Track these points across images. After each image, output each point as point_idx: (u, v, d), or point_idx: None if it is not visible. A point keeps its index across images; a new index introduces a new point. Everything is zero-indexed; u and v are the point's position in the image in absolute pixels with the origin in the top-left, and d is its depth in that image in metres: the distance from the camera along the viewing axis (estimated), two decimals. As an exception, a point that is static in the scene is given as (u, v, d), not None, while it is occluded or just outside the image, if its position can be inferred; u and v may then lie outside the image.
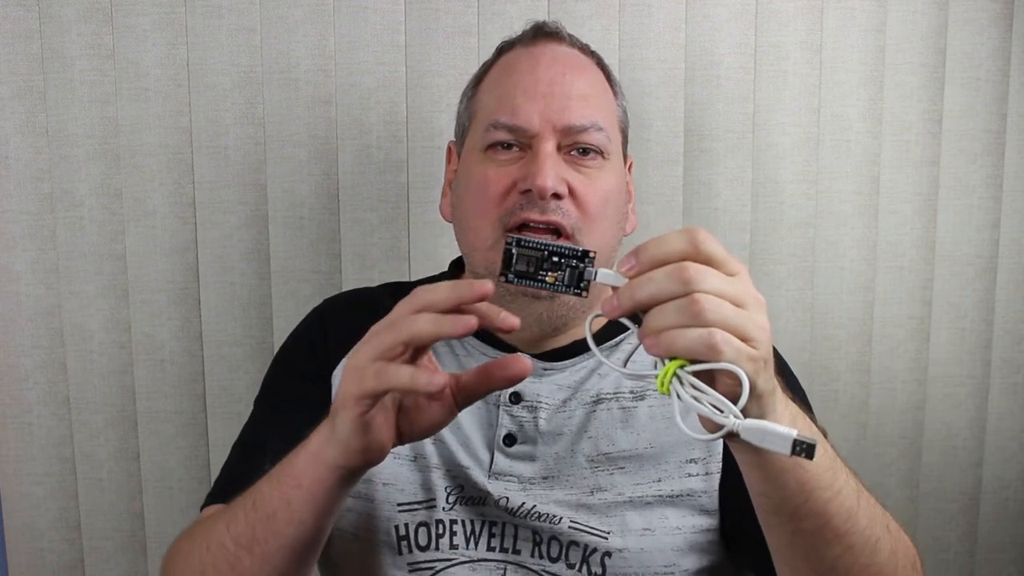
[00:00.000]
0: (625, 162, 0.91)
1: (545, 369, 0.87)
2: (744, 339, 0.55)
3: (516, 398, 0.85)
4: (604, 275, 0.59)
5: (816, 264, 1.21)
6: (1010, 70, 1.19)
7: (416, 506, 0.83)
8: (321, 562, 0.89)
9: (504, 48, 0.91)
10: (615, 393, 0.86)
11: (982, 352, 1.24)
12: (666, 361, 0.56)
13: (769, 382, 0.58)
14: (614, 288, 0.58)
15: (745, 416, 0.56)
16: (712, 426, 0.58)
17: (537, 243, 0.61)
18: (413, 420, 0.65)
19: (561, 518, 0.82)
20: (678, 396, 0.56)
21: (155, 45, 1.13)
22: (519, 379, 0.63)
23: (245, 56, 1.13)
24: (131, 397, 1.18)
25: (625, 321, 0.59)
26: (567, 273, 0.60)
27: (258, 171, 1.15)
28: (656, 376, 0.57)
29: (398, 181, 1.17)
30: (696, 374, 0.56)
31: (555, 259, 0.60)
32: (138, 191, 1.15)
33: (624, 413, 0.85)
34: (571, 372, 0.87)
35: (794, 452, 0.55)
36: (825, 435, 0.84)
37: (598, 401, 0.85)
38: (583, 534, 0.81)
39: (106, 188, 1.14)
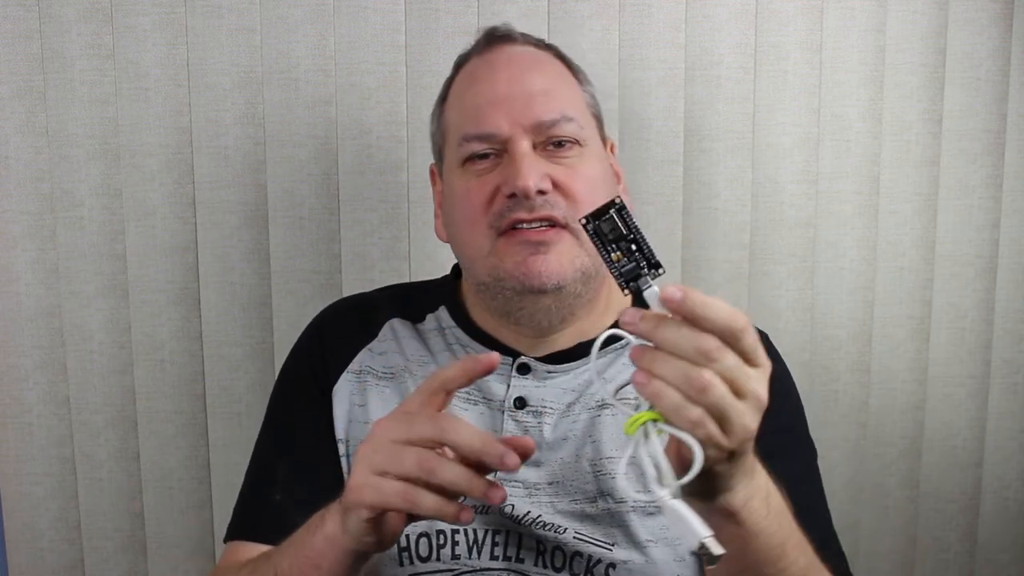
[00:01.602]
0: (605, 146, 0.90)
1: (549, 372, 0.86)
2: (723, 427, 0.55)
3: (521, 403, 0.85)
4: (651, 295, 0.58)
5: (816, 264, 1.21)
6: (1010, 70, 1.19)
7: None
8: None
9: (460, 62, 0.91)
10: (620, 398, 0.85)
11: (982, 352, 1.24)
12: (644, 405, 0.57)
13: (731, 468, 0.58)
14: (647, 306, 0.57)
15: (691, 490, 0.57)
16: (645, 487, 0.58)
17: (634, 224, 0.60)
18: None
19: (566, 529, 0.81)
20: (636, 444, 0.57)
21: (155, 45, 1.12)
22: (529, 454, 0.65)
23: (245, 56, 1.13)
24: (131, 397, 1.18)
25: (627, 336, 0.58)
26: (631, 265, 0.59)
27: (258, 171, 1.15)
28: (630, 416, 0.57)
29: (398, 181, 1.16)
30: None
31: (633, 247, 0.59)
32: (138, 191, 1.15)
33: None
34: (575, 375, 0.86)
35: (696, 552, 0.55)
36: (818, 473, 0.84)
37: (603, 406, 0.85)
38: (587, 545, 0.81)
39: (106, 188, 1.14)
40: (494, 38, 0.89)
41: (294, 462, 0.86)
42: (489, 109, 0.83)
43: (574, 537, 0.81)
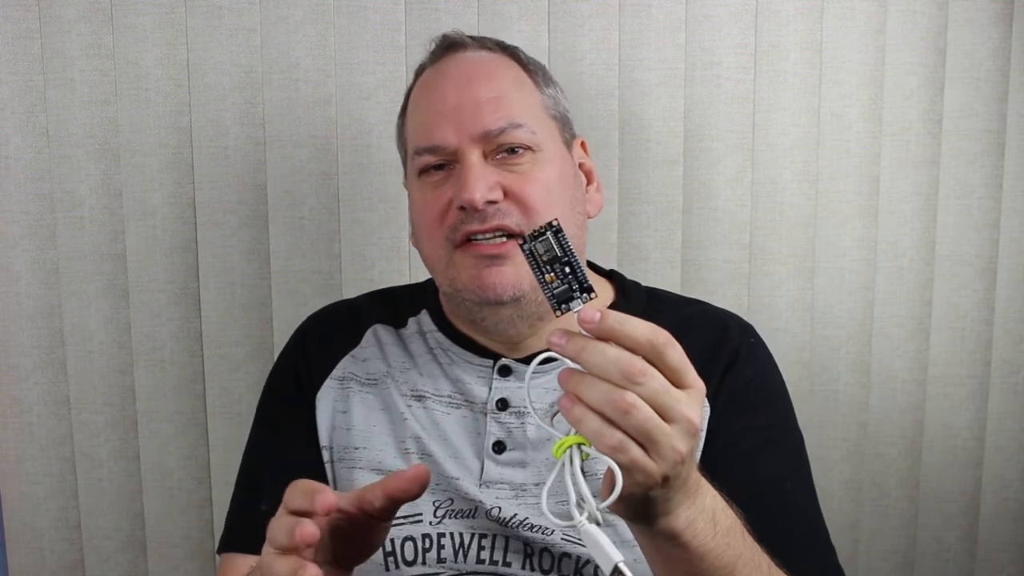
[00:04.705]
0: (569, 147, 0.89)
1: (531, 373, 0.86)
2: (652, 451, 0.55)
3: (503, 404, 0.85)
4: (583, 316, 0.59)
5: (816, 264, 1.21)
6: (1010, 70, 1.19)
7: (402, 521, 0.83)
8: None
9: (419, 72, 0.91)
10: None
11: (982, 352, 1.24)
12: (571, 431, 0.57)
13: (668, 492, 0.58)
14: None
15: (629, 514, 0.58)
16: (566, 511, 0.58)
17: (569, 247, 0.61)
18: (348, 549, 0.66)
19: (553, 530, 0.81)
20: (561, 467, 0.57)
21: (155, 45, 1.13)
22: (424, 484, 0.63)
23: (245, 56, 1.13)
24: (131, 397, 1.18)
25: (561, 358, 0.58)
26: (563, 288, 0.60)
27: (258, 171, 1.15)
28: (559, 438, 0.58)
29: (398, 181, 1.16)
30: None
31: (567, 269, 0.60)
32: (138, 191, 1.15)
33: None
34: (555, 375, 0.86)
35: (612, 574, 0.56)
36: (801, 510, 0.82)
37: None
38: (575, 546, 0.80)
39: (106, 188, 1.14)
40: (446, 46, 0.88)
41: (280, 472, 0.84)
42: (438, 120, 0.83)
43: (562, 538, 0.81)
